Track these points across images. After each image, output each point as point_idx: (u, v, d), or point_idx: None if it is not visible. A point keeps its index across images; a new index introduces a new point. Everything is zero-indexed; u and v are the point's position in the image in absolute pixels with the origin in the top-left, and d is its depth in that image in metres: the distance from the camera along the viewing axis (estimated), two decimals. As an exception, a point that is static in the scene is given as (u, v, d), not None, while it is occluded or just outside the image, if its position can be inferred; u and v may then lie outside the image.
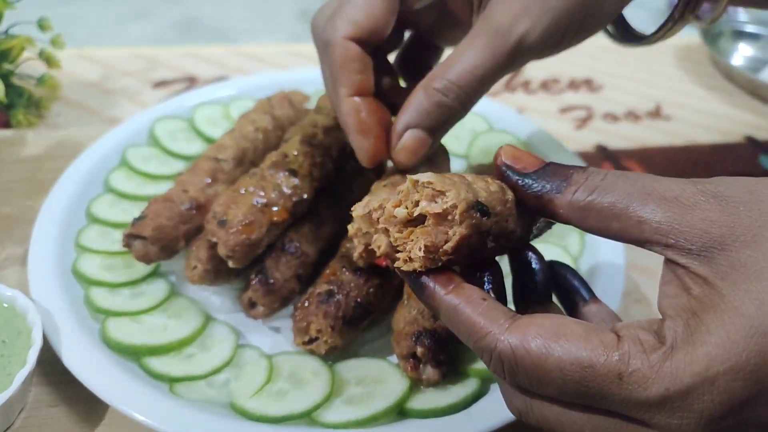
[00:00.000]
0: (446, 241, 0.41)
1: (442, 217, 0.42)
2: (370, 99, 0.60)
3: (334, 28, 0.58)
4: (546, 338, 0.38)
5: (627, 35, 0.67)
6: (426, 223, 0.42)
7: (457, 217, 0.41)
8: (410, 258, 0.42)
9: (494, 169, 0.46)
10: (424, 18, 0.68)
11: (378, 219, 0.45)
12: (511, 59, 0.57)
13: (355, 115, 0.59)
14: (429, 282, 0.42)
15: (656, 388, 0.35)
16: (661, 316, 0.39)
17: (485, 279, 0.45)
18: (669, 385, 0.35)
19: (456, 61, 0.57)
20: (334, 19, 0.58)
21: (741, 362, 0.34)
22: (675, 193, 0.39)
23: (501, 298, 0.45)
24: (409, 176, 0.44)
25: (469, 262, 0.45)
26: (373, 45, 0.59)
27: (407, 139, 0.58)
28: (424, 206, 0.42)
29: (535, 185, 0.43)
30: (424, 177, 0.43)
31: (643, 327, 0.38)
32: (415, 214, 0.42)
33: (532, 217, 0.47)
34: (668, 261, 0.39)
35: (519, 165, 0.45)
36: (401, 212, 0.43)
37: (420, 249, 0.42)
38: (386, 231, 0.44)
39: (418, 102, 0.57)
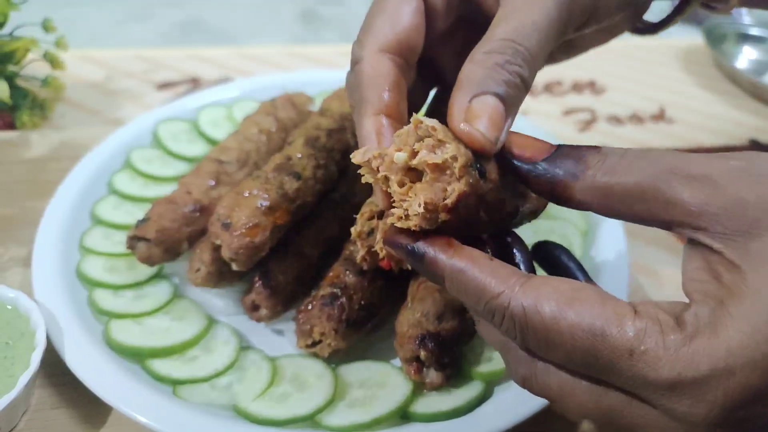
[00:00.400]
0: (445, 198, 0.40)
1: (441, 170, 0.40)
2: (398, 126, 0.48)
3: (361, 46, 0.50)
4: (560, 301, 0.37)
5: (641, 26, 0.64)
6: (424, 180, 0.41)
7: (456, 171, 0.39)
8: (406, 215, 0.41)
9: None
10: (448, 61, 0.60)
11: (378, 168, 0.43)
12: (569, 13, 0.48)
13: (377, 137, 0.47)
14: (429, 249, 0.41)
15: (668, 371, 0.34)
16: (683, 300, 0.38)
17: (486, 250, 0.44)
18: (682, 371, 0.34)
19: (503, 21, 0.46)
20: (360, 39, 0.51)
21: (760, 357, 0.33)
22: (703, 170, 0.36)
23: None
24: (414, 116, 0.42)
25: (461, 237, 0.43)
26: (405, 59, 0.51)
27: (477, 106, 0.43)
28: (424, 156, 0.40)
29: (548, 173, 0.40)
30: (428, 121, 0.41)
31: (663, 308, 0.37)
32: (415, 162, 0.41)
33: (516, 202, 0.46)
34: (696, 243, 0.37)
35: (527, 153, 0.42)
36: (401, 157, 0.41)
37: (419, 205, 0.40)
38: (386, 180, 0.42)
39: (473, 73, 0.45)
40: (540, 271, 0.48)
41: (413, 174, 0.42)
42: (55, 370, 0.61)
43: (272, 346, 0.66)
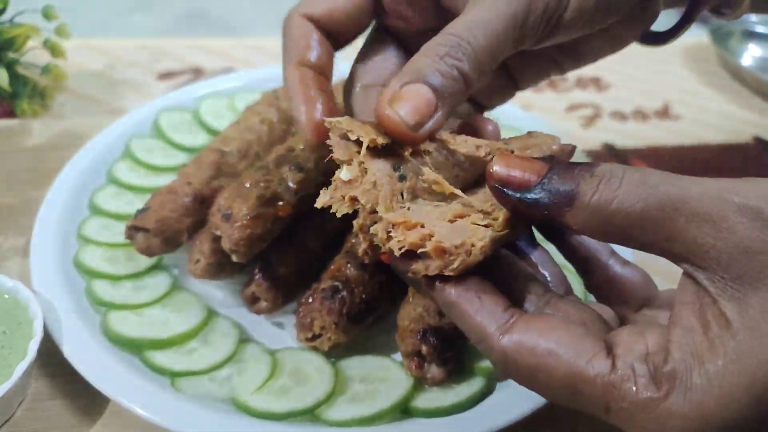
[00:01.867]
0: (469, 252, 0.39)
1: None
2: (315, 73, 0.54)
3: (293, 9, 0.56)
4: (537, 355, 0.37)
5: (650, 35, 0.64)
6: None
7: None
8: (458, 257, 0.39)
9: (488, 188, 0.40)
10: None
11: (349, 198, 0.42)
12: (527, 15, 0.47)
13: (299, 83, 0.53)
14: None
15: (640, 430, 0.34)
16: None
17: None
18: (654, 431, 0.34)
19: (461, 18, 0.47)
20: (295, 6, 0.57)
21: (735, 427, 0.32)
22: (709, 210, 0.34)
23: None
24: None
25: None
26: (331, 30, 0.55)
27: (406, 91, 0.43)
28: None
29: (540, 203, 0.38)
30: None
31: (642, 354, 0.35)
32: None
33: None
34: (695, 281, 0.35)
35: (516, 181, 0.38)
36: (347, 175, 0.42)
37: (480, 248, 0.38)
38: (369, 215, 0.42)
39: (415, 61, 0.45)
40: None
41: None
42: (52, 360, 0.60)
43: (272, 339, 0.65)
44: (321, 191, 0.44)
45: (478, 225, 0.40)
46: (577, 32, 0.51)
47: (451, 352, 0.58)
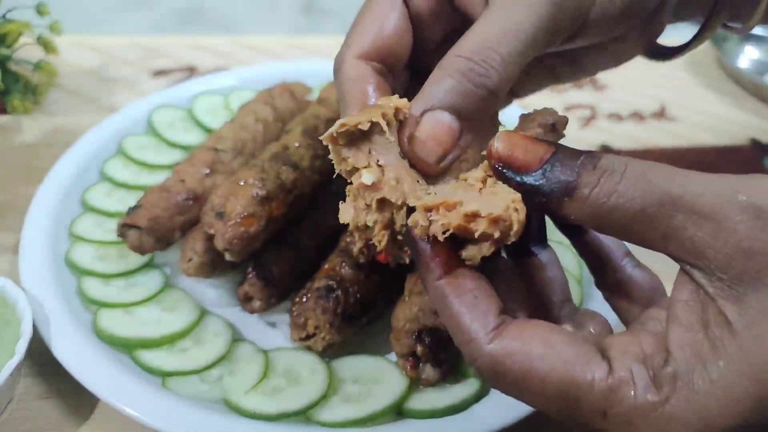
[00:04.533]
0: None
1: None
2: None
3: (341, 53, 0.48)
4: (529, 360, 0.35)
5: (655, 49, 0.61)
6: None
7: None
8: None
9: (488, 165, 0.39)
10: None
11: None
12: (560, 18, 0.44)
13: (359, 89, 0.46)
14: (427, 255, 0.38)
15: None
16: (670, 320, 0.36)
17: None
18: None
19: (483, 26, 0.43)
20: (342, 47, 0.49)
21: (739, 428, 0.31)
22: (709, 208, 0.33)
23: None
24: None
25: None
26: (387, 66, 0.49)
27: (426, 123, 0.41)
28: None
29: (540, 189, 0.37)
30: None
31: (639, 357, 0.35)
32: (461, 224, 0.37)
33: None
34: (692, 279, 0.35)
35: (517, 162, 0.37)
36: (369, 178, 0.40)
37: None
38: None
39: (435, 80, 0.42)
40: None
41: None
42: (42, 359, 0.59)
43: (265, 339, 0.64)
44: (340, 205, 0.42)
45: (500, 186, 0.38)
46: (597, 36, 0.50)
47: (445, 354, 0.58)
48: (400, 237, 0.52)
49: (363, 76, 0.46)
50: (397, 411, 0.57)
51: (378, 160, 0.41)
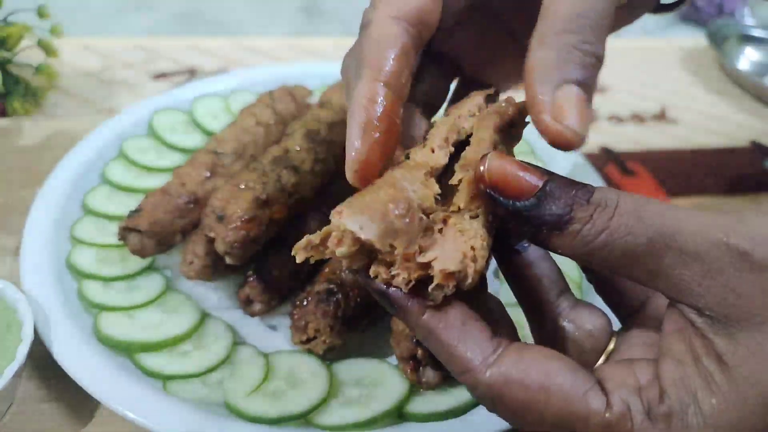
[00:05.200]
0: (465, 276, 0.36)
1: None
2: (395, 98, 0.43)
3: (374, 8, 0.45)
4: (528, 391, 0.35)
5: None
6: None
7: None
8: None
9: (476, 189, 0.37)
10: (465, 52, 0.56)
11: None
12: None
13: (367, 104, 0.42)
14: (401, 299, 0.36)
15: None
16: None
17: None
18: None
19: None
20: (374, 3, 0.45)
21: None
22: (699, 248, 0.33)
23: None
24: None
25: None
26: (419, 32, 0.45)
27: (563, 99, 0.39)
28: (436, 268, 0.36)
29: (530, 220, 0.36)
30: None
31: (635, 389, 0.35)
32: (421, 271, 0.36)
33: None
34: (682, 314, 0.35)
35: (509, 188, 0.36)
36: (342, 251, 0.37)
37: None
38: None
39: (547, 59, 0.40)
40: None
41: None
42: (42, 362, 0.59)
43: (265, 342, 0.64)
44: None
45: (464, 225, 0.37)
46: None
47: (447, 356, 0.58)
48: None
49: (393, 38, 0.43)
50: (398, 414, 0.57)
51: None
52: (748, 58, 1.29)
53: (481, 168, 0.37)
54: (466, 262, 0.35)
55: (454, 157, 0.42)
